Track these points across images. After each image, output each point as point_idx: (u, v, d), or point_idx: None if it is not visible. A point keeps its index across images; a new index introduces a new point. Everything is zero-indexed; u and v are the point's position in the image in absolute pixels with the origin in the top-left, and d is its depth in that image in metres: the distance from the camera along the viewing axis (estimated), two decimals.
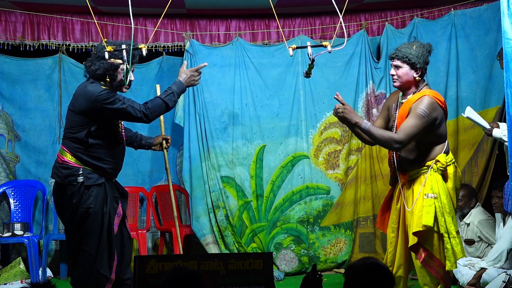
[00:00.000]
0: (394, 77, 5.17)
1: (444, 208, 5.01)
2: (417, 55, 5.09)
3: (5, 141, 7.73)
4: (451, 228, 5.02)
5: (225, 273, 4.95)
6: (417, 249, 5.09)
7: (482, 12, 7.67)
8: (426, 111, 4.96)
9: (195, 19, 8.05)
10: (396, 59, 5.15)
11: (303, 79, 7.76)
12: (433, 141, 5.11)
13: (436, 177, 5.06)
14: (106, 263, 5.09)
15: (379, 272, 3.29)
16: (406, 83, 5.16)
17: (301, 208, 7.81)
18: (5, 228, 7.34)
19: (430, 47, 5.24)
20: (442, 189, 5.04)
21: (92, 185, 5.07)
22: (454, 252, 5.02)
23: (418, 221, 4.99)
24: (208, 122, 7.76)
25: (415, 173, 5.15)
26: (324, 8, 7.90)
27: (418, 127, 4.95)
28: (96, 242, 5.05)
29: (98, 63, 5.08)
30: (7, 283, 7.03)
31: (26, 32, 7.75)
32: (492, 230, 6.83)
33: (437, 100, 5.07)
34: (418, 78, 5.13)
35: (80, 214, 5.04)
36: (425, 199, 5.00)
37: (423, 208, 4.99)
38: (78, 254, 5.08)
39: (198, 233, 7.72)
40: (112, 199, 5.20)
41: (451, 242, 5.02)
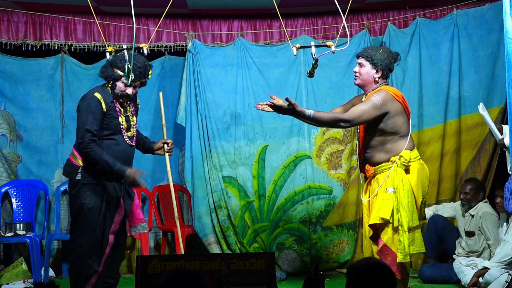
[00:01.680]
0: (356, 74, 5.45)
1: (401, 203, 5.16)
2: (380, 58, 5.36)
3: (7, 141, 7.73)
4: (404, 222, 5.15)
5: (227, 273, 4.96)
6: (376, 239, 5.30)
7: (485, 12, 7.67)
8: (379, 100, 5.18)
9: (197, 19, 8.05)
10: (361, 57, 5.43)
11: (306, 79, 7.76)
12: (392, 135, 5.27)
13: (399, 172, 5.22)
14: (96, 256, 5.43)
15: (381, 272, 3.29)
16: (366, 81, 5.42)
17: (303, 208, 7.81)
18: (7, 228, 7.34)
19: (397, 56, 5.52)
20: (402, 184, 5.19)
21: (88, 183, 5.42)
22: (404, 246, 5.14)
23: (376, 214, 5.19)
24: (210, 122, 7.76)
25: (380, 167, 5.32)
26: (326, 8, 7.89)
27: (368, 112, 5.16)
28: (88, 236, 5.41)
29: (108, 67, 5.47)
30: (9, 283, 7.02)
31: (28, 32, 7.75)
32: (493, 225, 6.82)
33: (393, 95, 5.27)
34: (378, 78, 5.37)
35: (76, 208, 5.44)
36: (385, 193, 5.19)
37: (382, 202, 5.19)
38: (72, 243, 5.51)
39: (200, 233, 7.72)
40: (112, 198, 5.50)
41: (403, 236, 5.15)
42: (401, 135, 5.28)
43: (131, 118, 5.63)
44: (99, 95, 5.38)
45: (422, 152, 7.76)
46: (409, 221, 5.17)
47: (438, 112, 7.78)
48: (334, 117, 5.20)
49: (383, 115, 5.20)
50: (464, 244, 6.97)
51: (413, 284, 6.88)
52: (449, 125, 7.77)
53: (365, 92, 5.47)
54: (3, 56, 7.73)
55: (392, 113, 5.22)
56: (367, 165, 5.40)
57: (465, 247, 6.96)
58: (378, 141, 5.30)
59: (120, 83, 5.44)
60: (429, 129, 7.70)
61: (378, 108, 5.15)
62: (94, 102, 5.35)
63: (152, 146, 5.99)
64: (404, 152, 5.23)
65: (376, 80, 5.36)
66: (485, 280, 6.32)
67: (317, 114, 5.17)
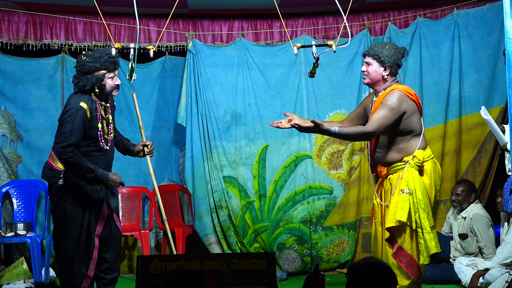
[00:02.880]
0: (364, 73, 5.30)
1: (419, 204, 5.07)
2: (387, 55, 5.21)
3: (7, 141, 7.73)
4: (425, 223, 5.08)
5: (227, 273, 4.96)
6: (391, 242, 5.19)
7: (485, 12, 7.67)
8: (396, 103, 5.05)
9: (197, 19, 8.05)
10: (368, 56, 5.28)
11: (306, 79, 7.76)
12: (406, 134, 5.16)
13: (413, 173, 5.12)
14: (84, 261, 5.40)
15: (381, 272, 3.28)
16: (374, 79, 5.27)
17: (304, 208, 7.81)
18: (8, 228, 7.34)
19: (404, 51, 5.36)
20: (417, 185, 5.10)
21: (71, 188, 5.37)
22: (427, 247, 5.08)
23: (392, 216, 5.08)
24: (211, 122, 7.76)
25: (393, 168, 5.21)
26: (327, 8, 7.89)
27: (388, 118, 5.02)
28: (74, 241, 5.38)
29: (84, 78, 5.34)
30: (10, 283, 7.03)
31: (29, 32, 7.75)
32: (483, 227, 6.80)
33: (407, 93, 5.15)
34: (386, 76, 5.23)
35: (59, 214, 5.41)
36: (400, 195, 5.09)
37: (398, 204, 5.08)
38: (57, 249, 5.48)
39: (201, 233, 7.73)
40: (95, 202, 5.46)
41: (424, 237, 5.08)
42: (414, 134, 5.16)
43: (110, 119, 5.54)
44: (85, 105, 5.29)
45: None
46: (429, 220, 5.10)
47: (438, 112, 7.78)
48: (359, 131, 5.04)
49: (402, 116, 5.08)
50: (459, 247, 6.96)
51: None
52: (449, 125, 7.77)
53: (375, 92, 5.33)
54: (3, 56, 7.73)
55: (408, 113, 5.10)
56: (379, 165, 5.28)
57: (460, 250, 6.95)
58: (391, 141, 5.17)
59: (108, 80, 5.37)
60: (430, 129, 7.69)
61: (396, 111, 5.03)
62: (80, 113, 5.26)
63: (132, 149, 5.86)
64: (418, 152, 5.11)
65: (385, 78, 5.22)
66: (485, 280, 6.32)
67: (343, 131, 5.02)
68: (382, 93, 5.21)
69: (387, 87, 5.22)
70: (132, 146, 5.89)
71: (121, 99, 7.71)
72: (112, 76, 5.38)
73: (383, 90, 5.22)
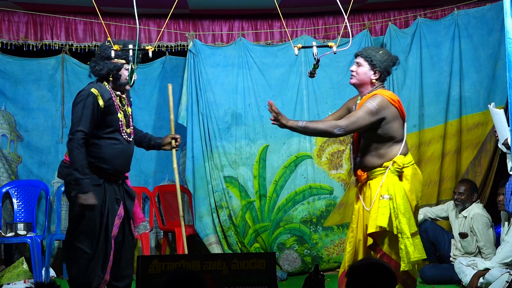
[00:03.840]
0: (353, 73, 5.27)
1: (399, 209, 5.02)
2: (380, 59, 5.18)
3: (7, 141, 7.73)
4: (405, 229, 5.02)
5: (228, 273, 4.95)
6: (375, 248, 5.16)
7: (486, 12, 7.67)
8: (375, 107, 5.01)
9: (198, 19, 8.05)
10: (360, 56, 5.26)
11: (306, 79, 7.76)
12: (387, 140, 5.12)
13: (393, 178, 5.09)
14: (101, 264, 5.15)
15: (381, 272, 3.29)
16: (362, 81, 5.23)
17: (304, 208, 7.81)
18: (8, 228, 7.35)
19: (396, 60, 5.33)
20: (397, 190, 5.06)
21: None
22: (407, 253, 5.02)
23: (373, 222, 5.04)
24: (211, 122, 7.76)
25: (373, 173, 5.18)
26: (327, 8, 7.90)
27: (363, 119, 5.00)
28: (92, 242, 5.12)
29: (102, 63, 5.18)
30: (10, 283, 7.03)
31: (29, 32, 7.76)
32: (483, 227, 6.80)
33: (390, 99, 5.11)
34: (375, 80, 5.19)
35: (76, 213, 5.12)
36: (381, 200, 5.05)
37: (378, 209, 5.04)
38: (72, 251, 5.16)
39: (201, 233, 7.73)
40: (113, 201, 5.23)
41: (404, 243, 5.03)
42: (396, 140, 5.13)
43: (128, 111, 5.39)
44: (96, 91, 5.12)
45: (423, 152, 7.78)
46: (410, 227, 5.06)
47: (439, 112, 7.78)
48: (329, 124, 5.05)
49: (379, 121, 5.04)
50: (459, 246, 6.96)
51: None
52: (450, 125, 7.77)
53: (360, 94, 5.31)
54: (4, 56, 7.74)
55: (388, 119, 5.06)
56: (359, 170, 5.26)
57: (460, 249, 6.96)
58: (372, 146, 5.14)
59: (124, 71, 5.21)
60: (430, 129, 7.70)
61: (374, 114, 4.99)
62: (90, 98, 5.08)
63: (159, 142, 5.72)
64: (398, 158, 5.07)
65: (373, 82, 5.19)
66: (486, 280, 6.32)
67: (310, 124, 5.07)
68: (366, 96, 5.18)
69: (372, 91, 5.19)
70: (159, 139, 5.77)
71: None
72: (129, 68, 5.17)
73: (368, 93, 5.20)
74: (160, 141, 5.75)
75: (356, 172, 5.31)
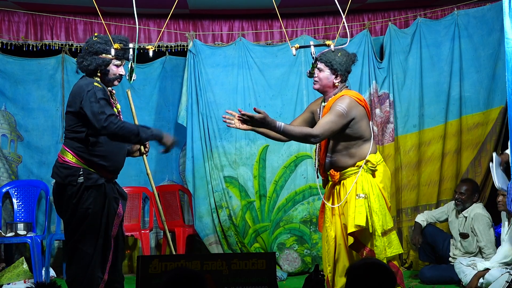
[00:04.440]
0: (315, 78, 5.30)
1: (372, 208, 5.10)
2: (340, 62, 5.21)
3: (7, 141, 7.73)
4: (377, 227, 5.10)
5: (228, 273, 4.95)
6: (358, 247, 5.18)
7: (486, 12, 7.67)
8: (345, 109, 5.06)
9: (198, 19, 8.06)
10: (320, 62, 5.26)
11: (306, 79, 7.75)
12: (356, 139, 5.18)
13: (367, 177, 5.17)
14: (100, 263, 5.09)
15: (380, 272, 3.29)
16: (325, 86, 5.28)
17: (304, 208, 7.81)
18: (8, 228, 7.35)
19: (355, 57, 5.36)
20: (371, 189, 5.14)
21: (92, 185, 5.03)
22: (381, 251, 5.10)
23: (352, 221, 5.08)
24: (211, 122, 7.76)
25: (346, 173, 5.23)
26: (327, 8, 7.90)
27: (335, 123, 5.04)
28: (93, 243, 5.04)
29: (90, 58, 5.06)
30: (10, 283, 7.03)
31: (29, 32, 7.76)
32: (484, 227, 6.79)
33: (357, 99, 5.17)
34: (337, 83, 5.25)
35: (79, 215, 5.02)
36: (357, 200, 5.11)
37: (355, 209, 5.09)
38: (74, 253, 5.07)
39: (201, 233, 7.73)
40: (112, 200, 5.16)
41: (378, 241, 5.10)
42: (365, 139, 5.19)
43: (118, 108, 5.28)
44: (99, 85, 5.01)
45: (423, 152, 7.79)
46: (383, 224, 5.12)
47: (439, 112, 7.78)
48: (303, 132, 5.04)
49: (350, 122, 5.09)
50: (460, 246, 6.96)
51: (413, 285, 6.88)
52: (450, 125, 7.77)
53: (325, 97, 5.34)
54: (4, 56, 7.74)
55: (357, 119, 5.11)
56: (331, 170, 5.29)
57: (460, 249, 6.95)
58: (342, 146, 5.20)
59: (112, 66, 5.09)
60: (430, 129, 7.71)
61: (344, 116, 5.04)
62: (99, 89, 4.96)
63: (128, 148, 5.50)
64: (371, 157, 5.16)
65: (336, 85, 5.24)
66: (486, 280, 6.32)
67: (288, 128, 5.04)
68: (332, 98, 5.22)
69: (337, 92, 5.24)
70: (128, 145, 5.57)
71: (121, 99, 7.71)
72: (118, 65, 5.14)
73: (333, 95, 5.25)
74: (129, 147, 5.53)
75: (327, 172, 5.36)
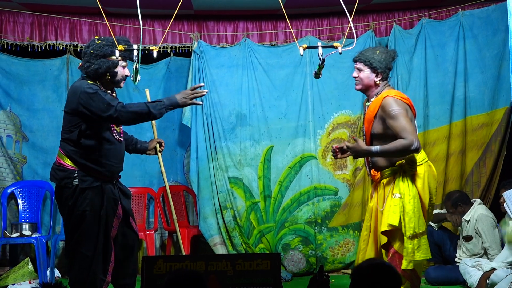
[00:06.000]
0: (356, 79, 5.30)
1: (405, 209, 5.05)
2: (379, 60, 5.19)
3: (12, 142, 7.74)
4: (407, 228, 5.04)
5: (232, 274, 4.96)
6: (387, 247, 5.16)
7: (490, 12, 7.66)
8: (398, 108, 5.01)
9: (202, 20, 8.06)
10: (359, 62, 5.27)
11: (311, 79, 7.76)
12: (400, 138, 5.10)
13: (405, 177, 5.11)
14: (102, 265, 5.06)
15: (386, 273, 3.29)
16: (367, 85, 5.26)
17: (309, 209, 7.81)
18: (13, 228, 7.36)
19: (394, 54, 5.34)
20: (407, 190, 5.08)
21: (88, 187, 5.01)
22: (408, 253, 5.05)
23: (385, 220, 5.07)
24: (216, 122, 7.76)
25: (386, 172, 5.19)
26: (332, 9, 7.90)
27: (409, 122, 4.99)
28: (92, 245, 5.01)
29: (98, 61, 5.03)
30: (15, 284, 7.04)
31: (34, 33, 7.77)
32: (488, 227, 6.76)
33: (401, 98, 5.12)
34: (378, 82, 5.21)
35: (76, 217, 5.00)
36: (392, 199, 5.08)
37: (390, 208, 5.07)
38: (75, 255, 5.05)
39: (206, 233, 7.73)
40: (111, 201, 5.13)
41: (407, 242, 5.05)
42: None
43: None
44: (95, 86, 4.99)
45: (428, 153, 7.73)
46: (415, 227, 5.05)
47: (443, 112, 7.77)
48: (398, 147, 4.95)
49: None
50: (465, 249, 6.95)
51: None
52: (454, 125, 7.76)
53: (368, 97, 5.32)
54: (9, 57, 7.75)
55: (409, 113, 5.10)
56: (373, 169, 5.28)
57: (465, 252, 6.94)
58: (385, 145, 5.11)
59: (120, 68, 5.09)
60: (435, 130, 7.70)
61: (406, 114, 5.01)
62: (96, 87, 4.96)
63: (145, 146, 5.64)
64: (411, 156, 5.08)
65: (377, 84, 5.20)
66: (491, 281, 6.30)
67: (383, 148, 5.01)
68: (375, 99, 5.19)
69: (379, 92, 5.21)
70: (144, 143, 5.69)
71: (126, 100, 7.73)
72: (124, 66, 5.15)
73: (376, 95, 5.21)
74: (146, 145, 5.67)
75: (371, 172, 5.33)
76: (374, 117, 5.13)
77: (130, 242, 5.31)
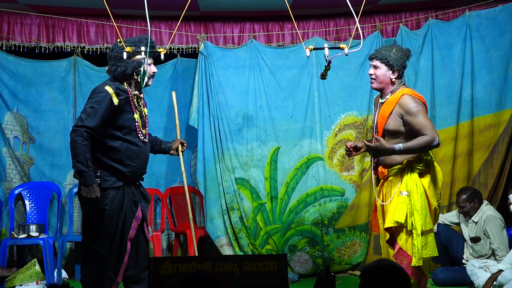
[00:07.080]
0: (372, 76, 5.34)
1: (414, 206, 5.10)
2: (395, 58, 5.25)
3: (19, 143, 7.76)
4: (418, 226, 5.09)
5: (239, 275, 4.95)
6: (392, 243, 5.25)
7: (497, 13, 7.65)
8: (416, 105, 5.12)
9: (209, 21, 8.07)
10: (375, 59, 5.32)
11: (318, 80, 7.76)
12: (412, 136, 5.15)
13: (413, 175, 5.17)
14: (114, 265, 5.09)
15: (395, 274, 3.28)
16: (383, 83, 5.31)
17: (315, 210, 7.80)
18: (21, 229, 7.37)
19: (409, 52, 5.41)
20: (415, 188, 5.14)
21: (109, 187, 5.05)
22: (418, 250, 5.09)
23: (391, 217, 5.14)
24: (223, 123, 7.77)
25: (393, 169, 5.24)
26: (338, 10, 7.90)
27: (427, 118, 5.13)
28: (108, 244, 5.05)
29: (124, 63, 5.10)
30: (22, 285, 7.05)
31: (41, 34, 7.79)
32: (497, 228, 6.75)
33: (416, 96, 5.21)
34: (394, 79, 5.27)
35: (95, 215, 5.05)
36: (400, 196, 5.14)
37: (396, 205, 5.13)
38: (89, 253, 5.09)
39: (213, 234, 7.73)
40: (131, 203, 5.18)
41: (417, 240, 5.10)
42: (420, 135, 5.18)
43: (144, 112, 5.31)
44: (111, 89, 5.03)
45: (434, 154, 7.70)
46: (422, 224, 5.10)
47: (450, 113, 7.76)
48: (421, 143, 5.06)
49: None
50: (472, 250, 6.93)
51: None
52: (461, 126, 7.74)
53: (383, 95, 5.35)
54: (16, 58, 7.77)
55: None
56: (380, 167, 5.31)
57: (473, 253, 6.93)
58: (394, 143, 5.16)
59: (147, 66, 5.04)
60: (442, 130, 7.68)
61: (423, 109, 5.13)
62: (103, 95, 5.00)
63: (170, 146, 5.80)
64: (420, 154, 5.15)
65: (393, 81, 5.26)
66: (498, 282, 6.29)
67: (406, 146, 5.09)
68: (391, 97, 5.25)
69: (395, 90, 5.27)
70: (168, 143, 5.84)
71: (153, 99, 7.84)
72: (150, 63, 5.19)
73: (391, 93, 5.27)
74: (170, 145, 5.83)
75: (377, 170, 5.36)
76: (390, 114, 5.19)
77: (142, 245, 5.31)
